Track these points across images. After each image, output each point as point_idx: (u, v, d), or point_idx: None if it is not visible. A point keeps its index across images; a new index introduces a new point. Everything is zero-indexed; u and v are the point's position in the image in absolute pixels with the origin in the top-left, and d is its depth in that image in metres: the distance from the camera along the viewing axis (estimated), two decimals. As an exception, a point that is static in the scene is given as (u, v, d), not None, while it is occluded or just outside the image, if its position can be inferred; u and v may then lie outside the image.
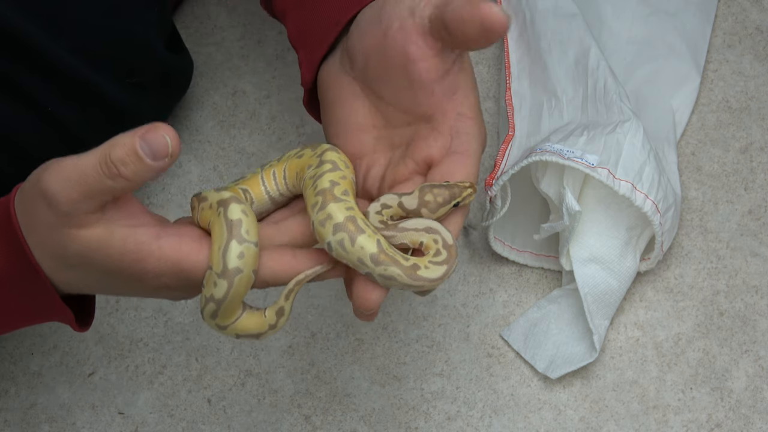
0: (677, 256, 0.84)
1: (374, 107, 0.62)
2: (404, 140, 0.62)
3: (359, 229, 0.57)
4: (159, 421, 0.81)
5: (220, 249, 0.56)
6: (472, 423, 0.80)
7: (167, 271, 0.57)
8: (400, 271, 0.57)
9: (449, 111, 0.60)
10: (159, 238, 0.57)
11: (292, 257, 0.58)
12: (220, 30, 0.94)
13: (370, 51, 0.60)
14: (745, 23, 0.93)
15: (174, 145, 0.53)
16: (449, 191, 0.59)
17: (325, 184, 0.58)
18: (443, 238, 0.58)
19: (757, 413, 0.79)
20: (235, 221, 0.56)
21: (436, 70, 0.59)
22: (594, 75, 0.84)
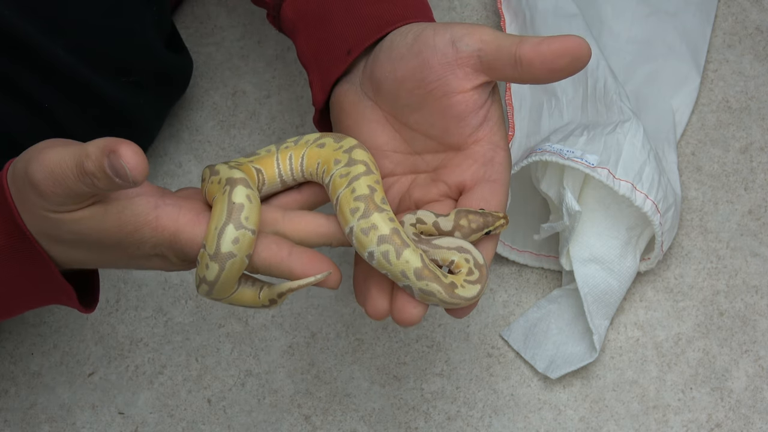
0: (677, 256, 0.84)
1: (397, 133, 0.63)
2: (430, 167, 0.62)
3: (404, 242, 0.57)
4: (159, 421, 0.81)
5: (216, 229, 0.56)
6: (472, 423, 0.80)
7: (164, 242, 0.57)
8: (440, 287, 0.57)
9: (483, 141, 0.61)
10: (157, 207, 0.57)
11: (288, 254, 0.58)
12: (220, 30, 0.94)
13: (404, 80, 0.61)
14: (745, 23, 0.93)
15: (134, 173, 0.52)
16: (483, 219, 0.60)
17: (364, 189, 0.58)
18: (475, 258, 0.59)
19: (757, 413, 0.79)
20: (237, 205, 0.56)
21: (474, 102, 0.60)
22: (594, 75, 0.84)
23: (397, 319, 0.59)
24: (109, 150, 0.51)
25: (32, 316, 0.84)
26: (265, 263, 0.58)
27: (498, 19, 0.93)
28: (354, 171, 0.59)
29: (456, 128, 0.61)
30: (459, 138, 0.61)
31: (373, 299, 0.59)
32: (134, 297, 0.85)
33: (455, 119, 0.60)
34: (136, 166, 0.51)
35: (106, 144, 0.52)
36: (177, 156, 0.90)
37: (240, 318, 0.84)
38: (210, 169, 0.60)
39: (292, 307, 0.84)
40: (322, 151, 0.61)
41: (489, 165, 0.61)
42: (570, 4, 0.88)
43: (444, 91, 0.60)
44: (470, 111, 0.60)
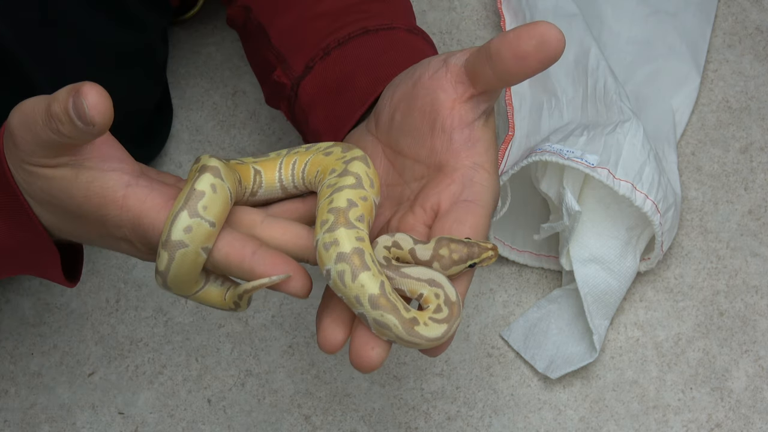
0: (677, 256, 0.84)
1: (390, 165, 0.61)
2: (414, 193, 0.60)
3: (364, 264, 0.52)
4: (159, 421, 0.81)
5: (171, 215, 0.53)
6: (472, 423, 0.80)
7: (127, 223, 0.54)
8: (397, 321, 0.52)
9: (465, 159, 0.58)
10: (127, 186, 0.54)
11: (252, 253, 0.54)
12: (220, 30, 0.94)
13: (398, 102, 0.60)
14: (745, 23, 0.93)
15: (92, 112, 0.50)
16: (468, 249, 0.54)
17: (342, 202, 0.54)
18: (446, 294, 0.53)
19: (757, 413, 0.79)
20: (197, 192, 0.52)
21: (461, 119, 0.58)
22: (594, 75, 0.84)
23: (353, 361, 0.54)
24: (74, 90, 0.50)
25: (32, 316, 0.84)
26: (225, 260, 0.54)
27: (498, 19, 0.93)
28: (342, 182, 0.55)
29: (440, 144, 0.58)
30: (442, 156, 0.58)
31: (325, 328, 0.55)
32: (134, 297, 0.85)
33: (440, 134, 0.58)
34: (95, 104, 0.49)
35: (74, 86, 0.50)
36: (177, 156, 0.90)
37: (240, 318, 0.84)
38: (199, 156, 0.57)
39: (293, 307, 0.84)
40: (325, 160, 0.58)
41: (468, 185, 0.57)
42: (570, 4, 0.88)
43: (432, 105, 0.58)
44: (456, 126, 0.58)
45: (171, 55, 0.93)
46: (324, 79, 0.69)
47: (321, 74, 0.70)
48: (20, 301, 0.84)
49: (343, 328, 0.55)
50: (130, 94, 0.81)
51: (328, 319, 0.55)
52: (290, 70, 0.71)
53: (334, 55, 0.69)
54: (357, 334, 0.54)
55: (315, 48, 0.70)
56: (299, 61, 0.71)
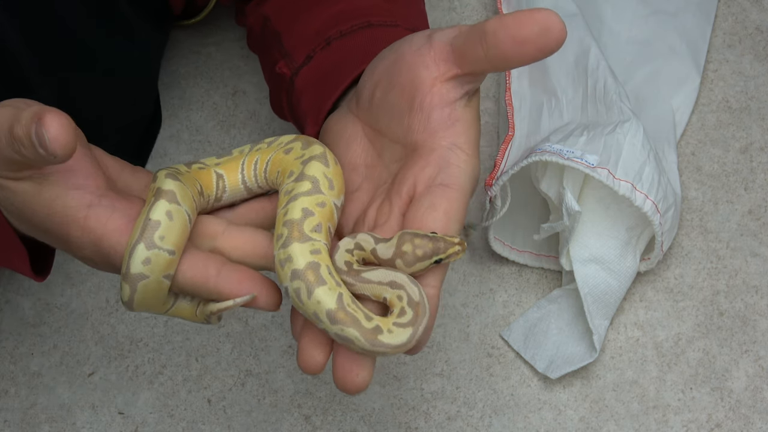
0: (677, 256, 0.84)
1: (370, 144, 0.59)
2: (392, 176, 0.57)
3: (319, 279, 0.51)
4: (159, 421, 0.81)
5: (129, 247, 0.51)
6: (472, 423, 0.80)
7: (89, 245, 0.53)
8: (358, 333, 0.50)
9: (442, 140, 0.55)
10: (89, 206, 0.52)
11: (216, 274, 0.53)
12: (220, 30, 0.94)
13: (379, 78, 0.57)
14: (745, 23, 0.93)
15: (53, 145, 0.48)
16: (433, 244, 0.52)
17: (296, 214, 0.52)
18: (408, 295, 0.51)
19: (757, 413, 0.79)
20: (153, 222, 0.51)
21: (440, 97, 0.55)
22: (594, 75, 0.84)
23: (338, 386, 0.52)
24: (37, 117, 0.48)
25: (32, 316, 0.84)
26: (190, 283, 0.53)
27: (498, 19, 0.93)
28: (297, 189, 0.53)
29: (417, 124, 0.55)
30: (419, 136, 0.56)
31: (304, 349, 0.53)
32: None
33: (418, 113, 0.55)
34: (56, 137, 0.47)
35: (37, 111, 0.48)
36: (177, 156, 0.90)
37: (240, 318, 0.84)
38: (157, 171, 0.55)
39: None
40: (285, 158, 0.56)
41: (444, 168, 0.55)
42: (570, 3, 0.88)
43: (412, 82, 0.55)
44: (435, 105, 0.55)
45: (171, 55, 0.93)
46: (320, 67, 0.68)
47: (318, 63, 0.68)
48: (20, 301, 0.85)
49: (321, 348, 0.53)
50: (125, 106, 0.82)
51: (305, 339, 0.54)
52: (292, 62, 0.70)
53: (333, 46, 0.68)
54: (339, 359, 0.53)
55: (318, 39, 0.69)
56: (302, 52, 0.70)
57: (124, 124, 0.83)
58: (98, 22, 0.74)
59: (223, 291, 0.53)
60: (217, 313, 0.54)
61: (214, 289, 0.53)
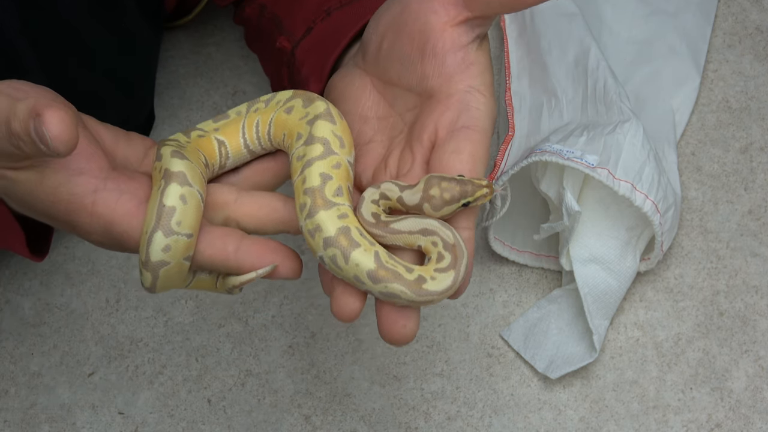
0: (677, 256, 0.84)
1: (380, 96, 0.58)
2: (407, 125, 0.57)
3: (353, 242, 0.51)
4: (159, 421, 0.81)
5: (146, 234, 0.51)
6: (472, 423, 0.80)
7: (98, 230, 0.52)
8: (404, 287, 0.50)
9: (460, 83, 0.55)
10: (95, 191, 0.52)
11: (235, 250, 0.53)
12: (220, 30, 0.94)
13: (385, 29, 0.57)
14: (745, 23, 0.93)
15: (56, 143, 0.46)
16: (460, 187, 0.52)
17: (315, 180, 0.52)
18: (442, 239, 0.51)
19: (757, 413, 0.79)
20: (168, 209, 0.51)
21: (452, 42, 0.55)
22: (594, 75, 0.84)
23: (386, 339, 0.52)
24: (35, 113, 0.47)
25: (32, 316, 0.84)
26: (209, 261, 0.53)
27: (498, 19, 0.93)
28: (309, 153, 0.53)
29: (431, 69, 0.55)
30: (434, 82, 0.55)
31: (338, 297, 0.53)
32: (134, 297, 0.85)
33: (431, 59, 0.55)
34: (58, 135, 0.46)
35: (34, 105, 0.47)
36: (177, 156, 0.90)
37: (240, 318, 0.84)
38: (159, 146, 0.54)
39: (293, 307, 0.84)
40: (288, 119, 0.55)
41: (464, 110, 0.54)
42: (570, 4, 0.88)
43: (422, 29, 0.55)
44: (448, 50, 0.55)
45: (171, 55, 0.93)
46: (320, 35, 0.68)
47: (318, 32, 0.68)
48: (20, 301, 0.84)
49: (357, 296, 0.53)
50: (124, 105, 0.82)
51: (339, 288, 0.53)
52: (292, 36, 0.70)
53: (334, 15, 0.68)
54: (383, 312, 0.52)
55: (318, 12, 0.69)
56: (302, 27, 0.70)
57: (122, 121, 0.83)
58: (101, 20, 0.74)
59: (243, 266, 0.53)
60: (240, 286, 0.54)
61: (235, 264, 0.53)
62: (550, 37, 0.87)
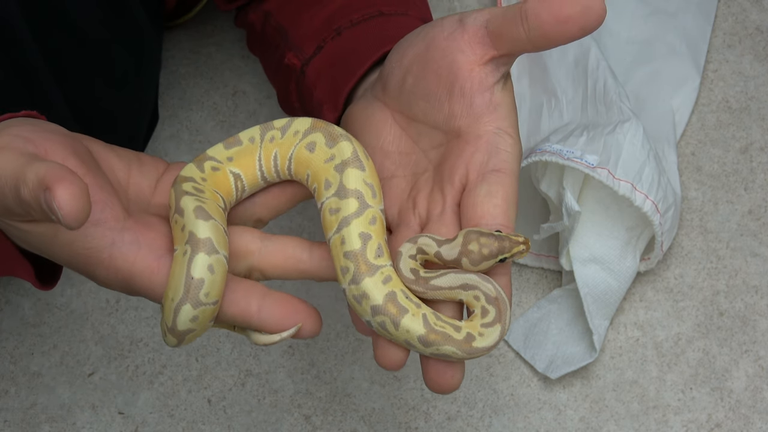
0: (677, 256, 0.84)
1: (402, 131, 0.58)
2: (432, 163, 0.57)
3: (401, 309, 0.51)
4: (159, 421, 0.81)
5: (173, 302, 0.51)
6: (472, 423, 0.80)
7: (118, 283, 0.52)
8: (454, 347, 0.51)
9: (488, 125, 0.55)
10: (112, 245, 0.51)
11: (258, 310, 0.53)
12: (220, 30, 0.94)
13: (410, 65, 0.56)
14: (745, 23, 0.93)
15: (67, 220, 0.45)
16: (498, 243, 0.52)
17: (355, 243, 0.52)
18: (484, 293, 0.52)
19: (757, 413, 0.79)
20: (196, 281, 0.50)
21: (480, 82, 0.55)
22: (594, 75, 0.84)
23: (432, 388, 0.53)
24: (45, 186, 0.45)
25: (32, 316, 0.84)
26: (232, 318, 0.53)
27: (498, 19, 0.93)
28: (345, 209, 0.52)
29: (460, 109, 0.55)
30: (463, 122, 0.55)
31: (383, 347, 0.53)
32: (134, 297, 0.85)
33: (459, 99, 0.55)
34: (69, 212, 0.45)
35: (44, 176, 0.46)
36: (177, 156, 0.90)
37: (240, 318, 0.84)
38: (176, 190, 0.53)
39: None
40: (312, 159, 0.54)
41: (494, 153, 0.54)
42: (570, 4, 0.88)
43: (449, 68, 0.55)
44: (476, 90, 0.55)
45: (171, 55, 0.93)
46: (332, 55, 0.67)
47: (330, 51, 0.68)
48: (20, 301, 0.85)
49: (399, 347, 0.53)
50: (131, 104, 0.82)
51: (383, 339, 0.53)
52: (301, 53, 0.69)
53: (344, 35, 0.68)
54: (429, 364, 0.53)
55: (327, 30, 0.69)
56: (311, 44, 0.69)
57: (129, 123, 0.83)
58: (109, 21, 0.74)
59: (266, 325, 0.53)
60: (263, 345, 0.55)
61: (257, 323, 0.53)
62: (550, 37, 0.87)
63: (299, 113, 0.72)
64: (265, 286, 0.54)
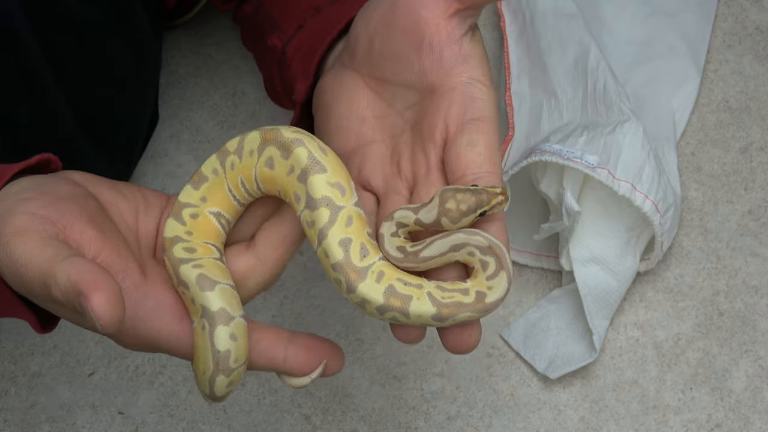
0: (677, 256, 0.84)
1: (375, 95, 0.58)
2: (409, 123, 0.57)
3: (404, 299, 0.51)
4: (159, 421, 0.81)
5: (206, 375, 0.52)
6: (472, 423, 0.80)
7: (144, 348, 0.53)
8: (469, 311, 0.51)
9: (460, 75, 0.55)
10: (134, 317, 0.51)
11: (284, 360, 0.53)
12: (220, 30, 0.94)
13: (376, 27, 0.57)
14: (745, 23, 0.93)
15: (106, 328, 0.45)
16: (476, 197, 0.51)
17: (337, 254, 0.51)
18: (476, 246, 0.51)
19: (757, 413, 0.79)
20: (223, 354, 0.51)
21: (447, 35, 0.55)
22: (594, 75, 0.84)
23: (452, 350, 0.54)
24: (78, 291, 0.46)
25: (32, 316, 0.84)
26: (262, 368, 0.54)
27: (498, 19, 0.93)
28: (318, 220, 0.52)
29: (430, 65, 0.55)
30: (434, 77, 0.55)
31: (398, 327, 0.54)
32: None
33: (428, 54, 0.55)
34: (108, 321, 0.45)
35: (77, 281, 0.46)
36: (177, 156, 0.90)
37: (240, 318, 0.84)
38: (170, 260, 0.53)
39: (293, 307, 0.84)
40: (275, 175, 0.53)
41: (470, 103, 0.54)
42: (570, 4, 0.88)
43: (415, 25, 0.55)
44: (444, 44, 0.55)
45: (171, 55, 0.93)
46: (310, 32, 0.68)
47: (308, 29, 0.68)
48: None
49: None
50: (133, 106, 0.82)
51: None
52: (284, 34, 0.70)
53: (324, 12, 0.68)
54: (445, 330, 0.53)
55: (308, 9, 0.69)
56: (293, 24, 0.69)
57: (130, 123, 0.83)
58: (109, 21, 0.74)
59: (293, 372, 0.54)
60: (296, 388, 0.55)
61: (285, 370, 0.54)
62: (550, 37, 0.87)
63: (282, 96, 0.72)
64: (288, 331, 0.54)
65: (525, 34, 0.89)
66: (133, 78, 0.79)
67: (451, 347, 0.54)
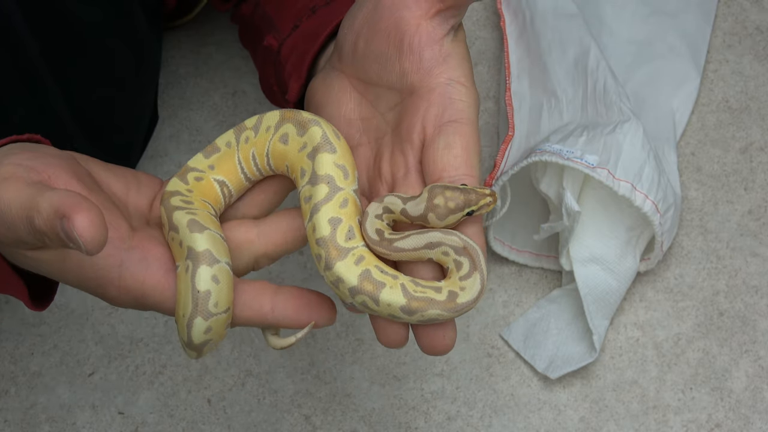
0: (677, 256, 0.84)
1: (361, 96, 0.58)
2: (390, 125, 0.57)
3: (377, 284, 0.51)
4: (159, 421, 0.81)
5: (185, 318, 0.51)
6: (472, 423, 0.80)
7: (129, 301, 0.53)
8: (439, 309, 0.51)
9: (440, 76, 0.54)
10: (121, 265, 0.51)
11: (271, 309, 0.53)
12: (220, 30, 0.94)
13: (360, 29, 0.57)
14: (745, 23, 0.93)
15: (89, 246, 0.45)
16: (465, 196, 0.52)
17: (324, 229, 0.52)
18: (451, 246, 0.51)
19: (757, 413, 0.79)
20: (203, 294, 0.51)
21: (428, 35, 0.54)
22: (594, 75, 0.84)
23: (427, 351, 0.53)
24: (61, 214, 0.46)
25: (32, 316, 0.84)
26: (247, 321, 0.53)
27: (498, 19, 0.93)
28: (315, 195, 0.52)
29: (410, 65, 0.55)
30: (414, 78, 0.55)
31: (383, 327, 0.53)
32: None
33: (408, 55, 0.55)
34: (90, 239, 0.45)
35: (59, 205, 0.46)
36: (177, 156, 0.90)
37: (240, 318, 0.84)
38: (166, 205, 0.53)
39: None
40: (287, 151, 0.54)
41: (449, 104, 0.54)
42: (570, 4, 0.88)
43: (397, 25, 0.55)
44: (425, 44, 0.54)
45: (171, 55, 0.93)
46: (304, 33, 0.68)
47: (303, 30, 0.68)
48: (20, 301, 0.84)
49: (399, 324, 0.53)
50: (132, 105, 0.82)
51: (381, 320, 0.53)
52: (279, 34, 0.70)
53: (319, 13, 0.68)
54: (419, 331, 0.53)
55: (304, 9, 0.69)
56: (289, 24, 0.70)
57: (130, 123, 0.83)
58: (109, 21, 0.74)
59: (282, 322, 0.53)
60: (280, 348, 0.55)
61: (273, 322, 0.53)
62: (550, 37, 0.87)
63: (277, 95, 0.72)
64: (274, 284, 0.54)
65: (525, 34, 0.89)
66: (132, 78, 0.79)
67: (426, 348, 0.53)
